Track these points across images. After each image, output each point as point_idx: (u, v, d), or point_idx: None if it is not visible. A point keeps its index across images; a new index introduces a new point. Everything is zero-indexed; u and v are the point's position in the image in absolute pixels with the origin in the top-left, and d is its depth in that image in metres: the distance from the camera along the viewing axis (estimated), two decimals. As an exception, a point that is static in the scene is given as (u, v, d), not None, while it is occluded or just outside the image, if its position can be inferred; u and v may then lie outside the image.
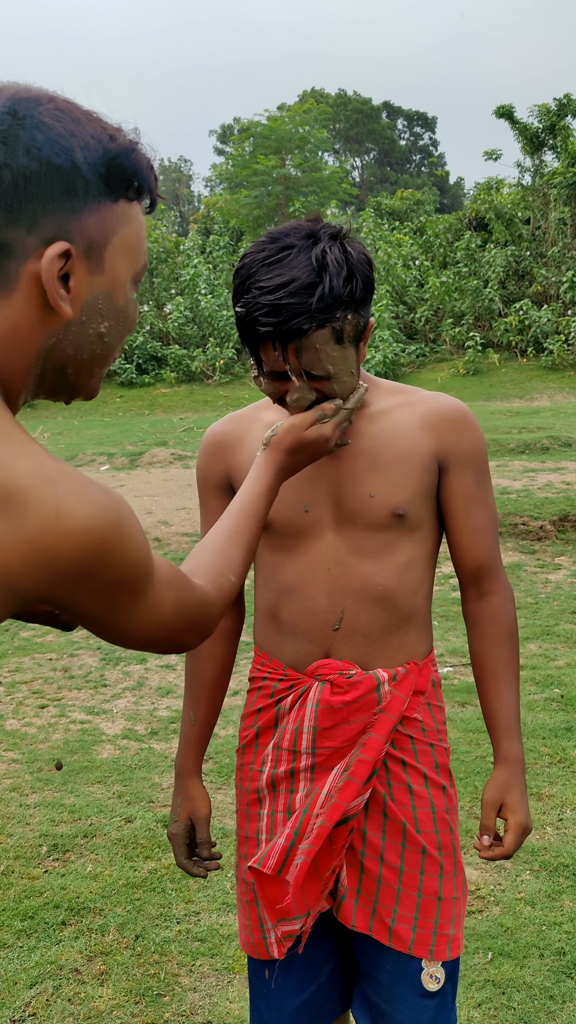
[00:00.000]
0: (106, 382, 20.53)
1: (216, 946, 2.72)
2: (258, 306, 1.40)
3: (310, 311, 1.38)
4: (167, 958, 2.67)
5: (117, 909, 2.91)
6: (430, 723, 1.62)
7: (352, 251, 1.45)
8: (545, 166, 22.78)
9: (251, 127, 29.06)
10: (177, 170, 54.42)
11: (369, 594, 1.57)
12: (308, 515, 1.58)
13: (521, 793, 1.60)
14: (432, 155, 55.95)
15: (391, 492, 1.55)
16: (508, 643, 1.64)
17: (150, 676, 5.24)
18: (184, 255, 22.88)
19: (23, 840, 3.36)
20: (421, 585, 1.62)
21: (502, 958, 2.63)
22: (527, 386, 18.14)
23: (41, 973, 2.60)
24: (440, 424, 1.60)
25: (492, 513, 1.64)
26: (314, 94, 48.24)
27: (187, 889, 3.02)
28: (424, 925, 1.56)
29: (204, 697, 1.74)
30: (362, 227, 23.29)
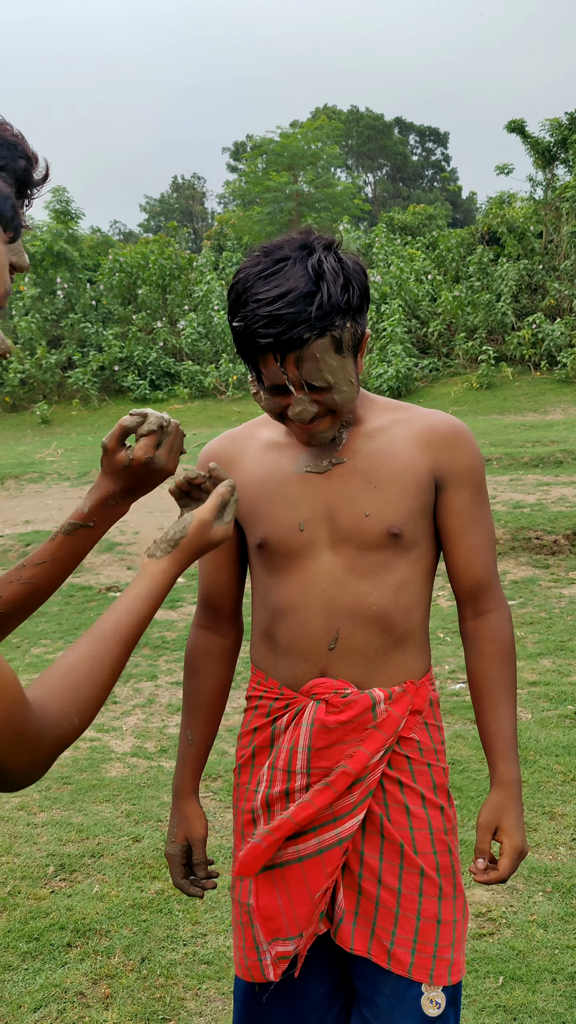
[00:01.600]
0: (120, 398, 20.61)
1: (223, 969, 2.68)
2: (257, 318, 1.39)
3: (310, 320, 1.38)
4: (173, 981, 2.63)
5: (123, 931, 2.88)
6: (427, 743, 1.61)
7: (347, 260, 1.45)
8: (557, 180, 22.77)
9: (264, 144, 29.20)
10: (191, 187, 54.69)
11: (365, 614, 1.55)
12: (303, 534, 1.57)
13: (517, 816, 1.57)
14: (444, 170, 56.05)
15: (386, 511, 1.54)
16: (506, 662, 1.62)
17: (160, 693, 5.21)
18: (197, 271, 22.97)
19: (30, 860, 3.33)
20: (417, 604, 1.61)
21: (513, 982, 2.59)
22: (541, 399, 18.08)
23: (46, 996, 2.57)
24: (436, 442, 1.58)
25: (490, 531, 1.63)
26: (326, 111, 48.45)
27: (194, 910, 2.99)
28: (423, 948, 1.53)
29: (202, 717, 1.72)
30: (374, 242, 23.33)
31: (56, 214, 23.35)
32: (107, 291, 22.83)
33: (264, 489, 1.60)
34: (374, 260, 22.73)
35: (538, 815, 3.55)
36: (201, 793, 3.84)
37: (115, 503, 1.39)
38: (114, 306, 22.61)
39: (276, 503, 1.59)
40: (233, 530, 1.57)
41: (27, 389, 20.77)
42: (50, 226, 23.05)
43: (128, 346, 21.00)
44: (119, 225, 53.30)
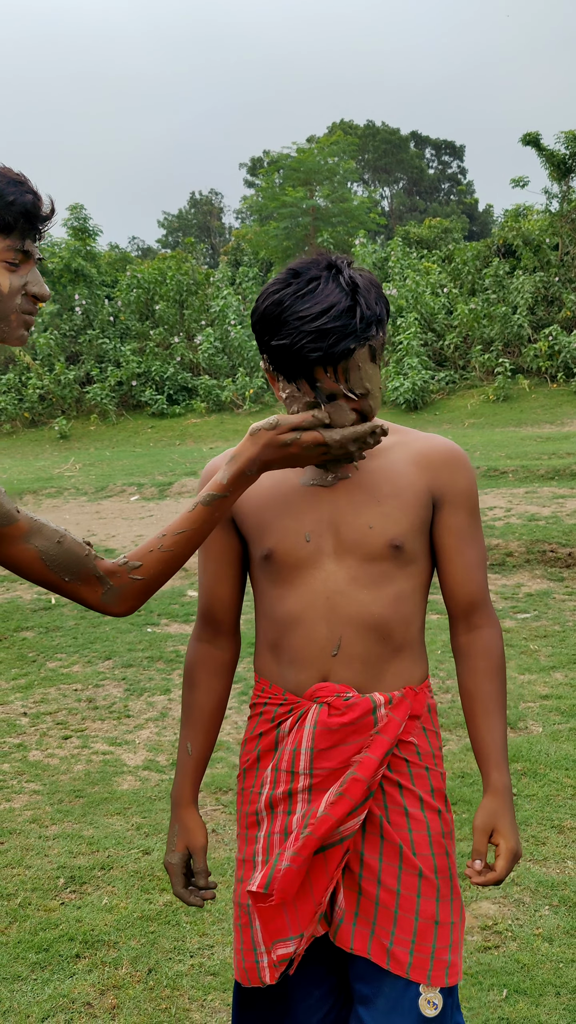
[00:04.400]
0: (137, 413, 20.73)
1: (228, 980, 2.71)
2: (303, 334, 1.48)
3: (355, 332, 1.48)
4: (179, 992, 2.66)
5: (131, 942, 2.91)
6: (426, 747, 1.67)
7: (368, 275, 1.57)
8: (573, 192, 22.78)
9: (280, 159, 29.37)
10: (208, 203, 55.03)
11: (366, 622, 1.61)
12: (309, 544, 1.63)
13: (511, 820, 1.62)
14: (461, 183, 56.14)
15: (388, 524, 1.61)
16: (497, 676, 1.67)
17: (174, 707, 5.25)
18: (214, 287, 23.10)
19: (41, 872, 3.37)
20: (415, 615, 1.67)
21: (517, 995, 2.60)
22: (557, 411, 18.06)
23: (54, 1007, 2.60)
24: (435, 463, 1.66)
25: (483, 551, 1.70)
26: (342, 125, 48.67)
27: (201, 922, 3.01)
28: (422, 949, 1.57)
29: (200, 728, 1.76)
30: (390, 256, 23.40)
31: (74, 231, 23.56)
32: (125, 307, 23.00)
33: (271, 501, 1.67)
34: (390, 274, 22.79)
35: (546, 829, 3.55)
36: (212, 806, 3.88)
37: (251, 474, 1.52)
38: (132, 322, 22.77)
39: (283, 515, 1.65)
40: (237, 542, 1.70)
41: (46, 404, 20.93)
42: (68, 243, 23.26)
43: (146, 361, 21.13)
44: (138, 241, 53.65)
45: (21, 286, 1.35)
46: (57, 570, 1.44)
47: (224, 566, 1.75)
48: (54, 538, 1.44)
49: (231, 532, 1.73)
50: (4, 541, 1.41)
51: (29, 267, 1.36)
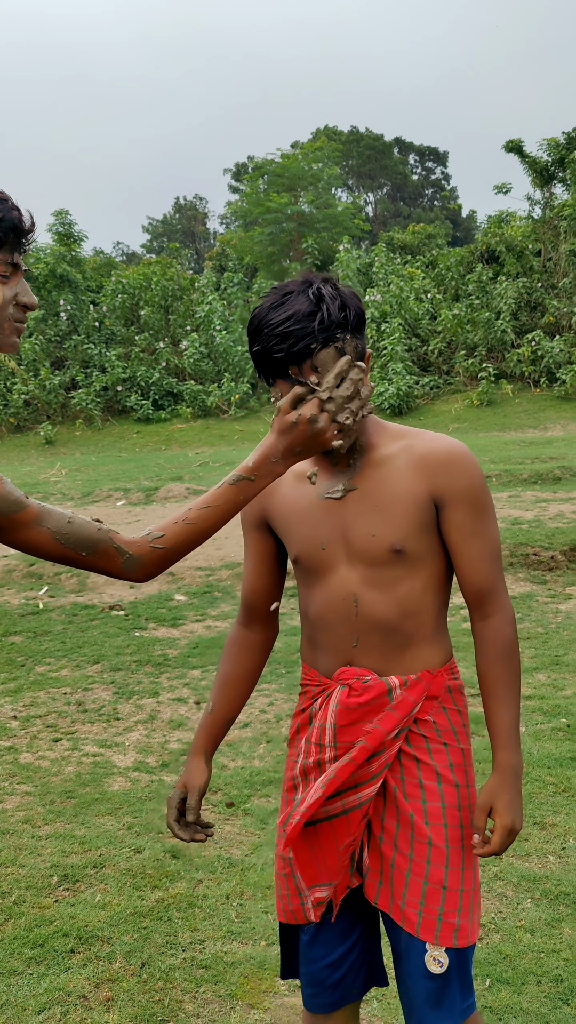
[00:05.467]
0: (123, 418, 20.77)
1: (220, 973, 2.78)
2: (271, 338, 1.65)
3: (313, 332, 1.63)
4: (172, 985, 2.73)
5: (124, 937, 2.98)
6: (445, 725, 1.82)
7: (343, 288, 1.70)
8: (555, 199, 22.98)
9: (265, 165, 29.49)
10: (193, 208, 55.08)
11: (379, 619, 1.79)
12: (325, 552, 1.82)
13: (510, 798, 1.73)
14: (444, 189, 56.41)
15: (388, 531, 1.76)
16: (504, 662, 1.77)
17: (162, 709, 5.31)
18: (199, 292, 23.17)
19: (34, 871, 3.43)
20: (428, 608, 1.81)
21: (500, 984, 2.68)
22: (540, 416, 18.21)
23: (50, 999, 2.67)
24: (431, 466, 1.77)
25: (491, 542, 1.79)
26: (327, 131, 48.83)
27: (193, 918, 3.08)
28: (429, 911, 1.73)
29: (223, 693, 1.98)
30: (374, 261, 23.53)
31: (59, 237, 23.59)
32: (110, 312, 23.04)
33: (295, 512, 1.86)
34: (374, 279, 22.90)
35: (529, 825, 3.64)
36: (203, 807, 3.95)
37: (275, 461, 1.62)
38: (117, 327, 22.81)
39: (304, 525, 1.84)
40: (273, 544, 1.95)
41: (31, 410, 20.94)
42: (53, 248, 23.29)
43: (131, 366, 21.18)
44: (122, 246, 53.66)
45: (12, 297, 1.47)
46: (72, 547, 1.56)
47: (261, 564, 1.97)
48: (63, 519, 1.56)
49: (267, 535, 1.94)
50: (19, 527, 1.53)
51: (18, 278, 1.48)
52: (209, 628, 6.91)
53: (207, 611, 7.32)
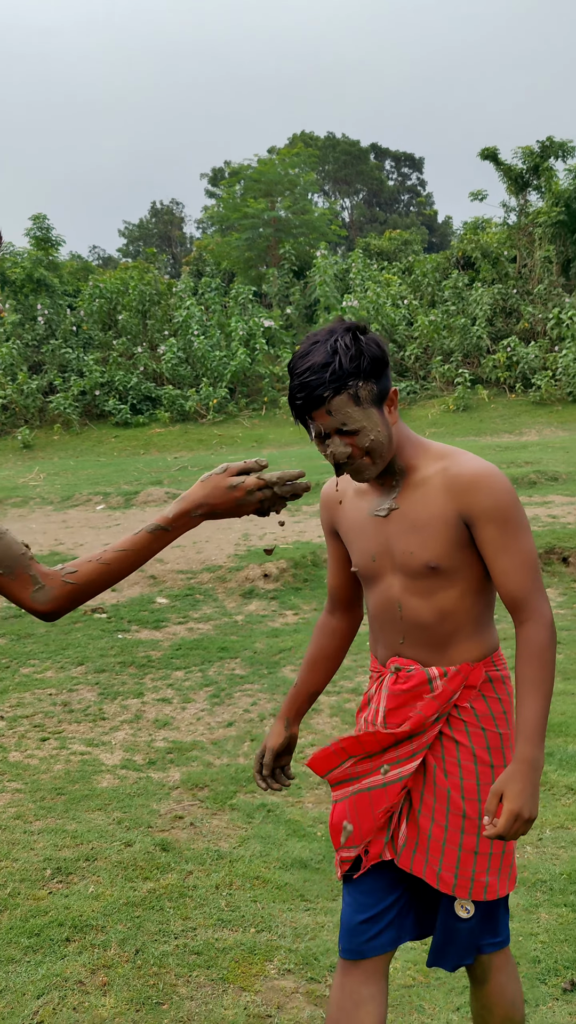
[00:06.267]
0: (101, 422, 20.80)
1: (212, 958, 2.88)
2: (294, 387, 1.91)
3: (325, 383, 1.86)
4: (166, 970, 2.83)
5: (118, 926, 3.07)
6: (484, 711, 2.02)
7: (363, 338, 1.92)
8: (530, 206, 23.25)
9: (241, 171, 29.59)
10: (169, 213, 55.09)
11: (419, 621, 2.03)
12: (375, 563, 2.07)
13: (522, 787, 1.85)
14: (420, 195, 56.74)
15: (424, 550, 1.98)
16: (534, 663, 1.89)
17: (147, 709, 5.40)
18: (177, 297, 23.24)
19: (27, 864, 3.52)
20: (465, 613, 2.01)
21: (481, 965, 2.80)
22: (516, 421, 18.43)
23: (47, 985, 2.76)
24: (457, 489, 1.96)
25: (522, 556, 1.94)
26: (303, 137, 49.01)
27: (184, 907, 3.18)
28: (464, 873, 1.99)
29: (308, 670, 2.31)
30: (351, 267, 23.70)
31: (36, 241, 23.60)
32: (88, 317, 23.07)
33: (353, 527, 2.11)
34: (351, 285, 23.07)
35: (507, 817, 3.76)
36: (190, 801, 4.06)
37: (195, 516, 1.71)
38: (95, 331, 22.84)
39: (359, 539, 2.10)
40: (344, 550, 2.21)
41: (8, 414, 20.91)
42: (30, 253, 23.30)
43: (109, 371, 21.22)
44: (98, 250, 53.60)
45: None
46: None
47: (337, 563, 2.26)
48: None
49: (339, 540, 2.22)
50: None
51: None
52: (191, 630, 7.00)
53: (189, 614, 7.41)
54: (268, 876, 3.38)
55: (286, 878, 3.36)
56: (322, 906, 3.18)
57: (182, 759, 4.61)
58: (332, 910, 3.15)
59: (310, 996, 2.71)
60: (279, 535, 9.34)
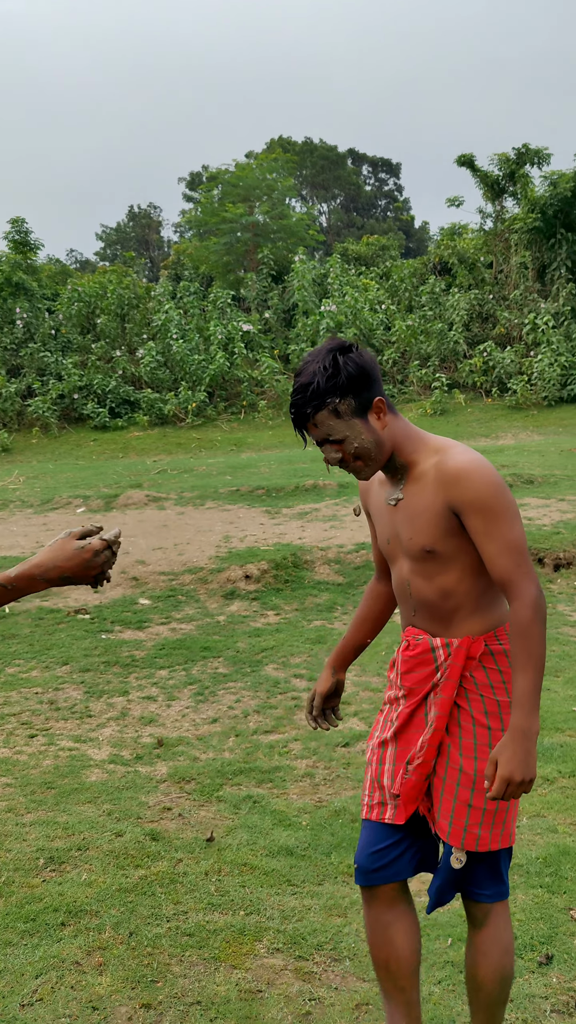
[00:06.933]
0: (79, 425, 20.84)
1: (203, 939, 3.00)
2: (290, 405, 2.20)
3: (307, 401, 2.15)
4: (159, 950, 2.94)
5: (112, 911, 3.18)
6: (484, 680, 2.23)
7: (342, 358, 2.15)
8: (506, 212, 23.51)
9: (219, 175, 29.71)
10: (146, 216, 55.12)
11: (425, 599, 2.28)
12: (389, 545, 2.34)
13: (512, 753, 2.06)
14: (397, 200, 57.08)
15: (421, 536, 2.22)
16: (523, 639, 2.10)
17: (133, 707, 5.50)
18: (155, 301, 23.32)
19: (21, 855, 3.61)
20: (465, 593, 2.24)
21: (460, 943, 2.93)
22: (492, 425, 18.65)
23: (45, 966, 2.87)
24: (445, 482, 2.17)
25: (507, 542, 2.12)
26: (281, 142, 49.20)
27: (175, 892, 3.30)
28: (457, 823, 2.22)
29: (355, 627, 2.61)
30: (329, 272, 23.86)
31: (15, 244, 23.62)
32: (66, 320, 23.11)
33: (376, 512, 2.39)
34: (329, 290, 23.23)
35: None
36: (177, 794, 4.18)
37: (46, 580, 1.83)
38: (73, 335, 22.88)
39: (379, 523, 2.38)
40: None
41: (-13, 418, 20.92)
42: (9, 256, 23.31)
43: (88, 374, 21.26)
44: (76, 253, 53.56)
45: None
46: None
47: (374, 539, 2.50)
48: None
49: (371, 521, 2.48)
50: None
51: None
52: (174, 631, 7.10)
53: (171, 614, 7.52)
54: (255, 863, 3.49)
55: (273, 864, 3.48)
56: (308, 890, 3.30)
57: (168, 754, 4.72)
58: (318, 893, 3.27)
59: (298, 973, 2.83)
60: (259, 537, 9.46)
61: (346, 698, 5.45)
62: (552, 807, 3.88)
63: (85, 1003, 2.70)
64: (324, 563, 8.50)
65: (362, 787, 2.40)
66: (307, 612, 7.50)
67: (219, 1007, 2.67)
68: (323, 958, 2.90)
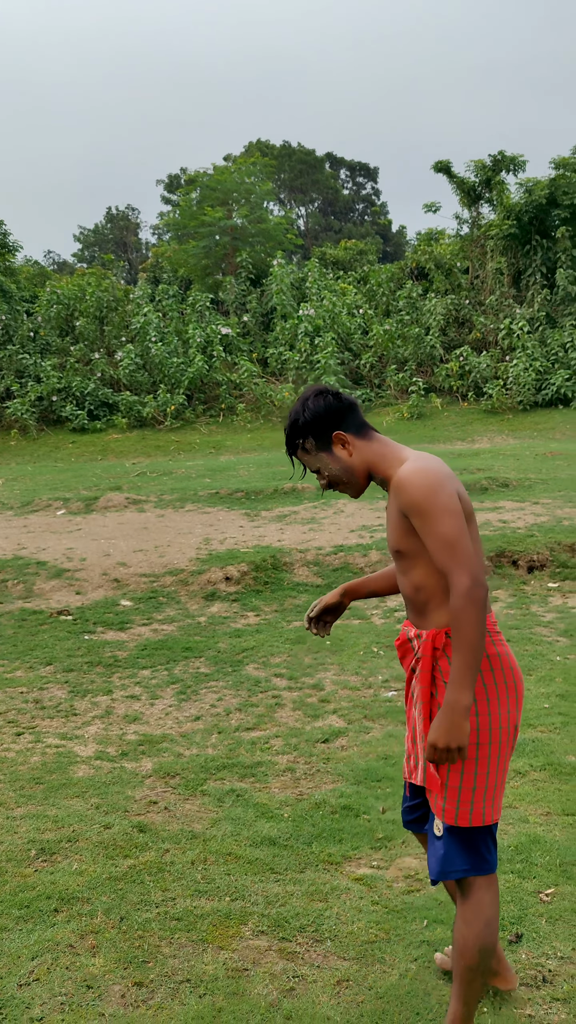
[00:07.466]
0: (58, 428, 20.91)
1: (192, 923, 3.14)
2: None
3: (286, 443, 2.61)
4: (149, 934, 3.08)
5: (102, 898, 3.32)
6: (446, 667, 2.45)
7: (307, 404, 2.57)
8: (482, 218, 23.79)
9: (198, 178, 29.83)
10: (124, 218, 55.16)
11: (406, 594, 2.59)
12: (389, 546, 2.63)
13: (439, 723, 2.34)
14: (375, 204, 57.42)
15: (391, 538, 2.54)
16: (457, 622, 2.33)
17: (117, 705, 5.63)
18: (134, 304, 23.42)
19: (12, 846, 3.74)
20: (432, 587, 2.49)
21: (435, 924, 3.10)
22: (468, 429, 18.89)
23: (40, 948, 3.00)
24: (393, 490, 2.48)
25: (440, 539, 2.37)
26: (259, 145, 49.41)
27: (163, 880, 3.44)
28: (436, 799, 2.48)
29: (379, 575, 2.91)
30: (307, 276, 24.04)
31: (-7, 246, 23.66)
32: (45, 322, 23.17)
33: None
34: (307, 294, 23.41)
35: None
36: (163, 788, 4.31)
37: None
38: (52, 337, 22.94)
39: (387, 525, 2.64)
40: None
41: (-34, 419, 20.95)
42: (-13, 258, 23.35)
43: (66, 377, 21.33)
44: (53, 255, 53.52)
45: None
46: None
47: None
48: None
49: None
50: None
51: None
52: (156, 631, 7.24)
53: (153, 615, 7.65)
54: (240, 852, 3.64)
55: (256, 854, 3.62)
56: (291, 877, 3.45)
57: (153, 750, 4.86)
58: (300, 880, 3.42)
59: (282, 953, 2.98)
60: (239, 539, 9.60)
61: (325, 696, 5.61)
62: (524, 799, 4.05)
63: (80, 982, 2.84)
64: (303, 565, 8.66)
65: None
66: (286, 613, 7.65)
67: (207, 984, 2.82)
68: (305, 939, 3.06)
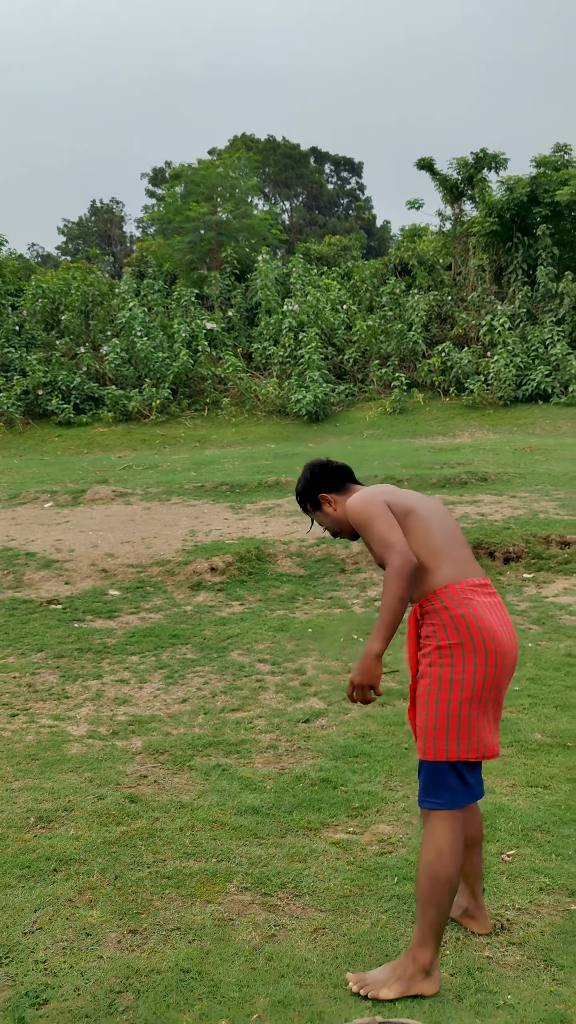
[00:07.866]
0: (44, 421, 21.10)
1: (181, 881, 3.41)
2: None
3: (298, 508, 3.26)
4: (142, 889, 3.35)
5: (98, 859, 3.58)
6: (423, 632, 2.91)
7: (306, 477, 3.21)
8: (465, 215, 24.08)
9: (182, 172, 29.99)
10: (109, 211, 55.15)
11: None
12: None
13: (356, 664, 2.87)
14: (359, 199, 57.62)
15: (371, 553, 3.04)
16: (383, 591, 2.85)
17: (107, 689, 5.88)
18: (119, 298, 23.60)
19: (12, 815, 4.00)
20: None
21: (405, 881, 3.37)
22: (450, 423, 19.19)
23: (42, 902, 3.26)
24: None
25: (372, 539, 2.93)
26: (244, 139, 49.51)
27: (154, 844, 3.70)
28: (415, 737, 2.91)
29: None
30: (292, 272, 24.27)
31: (-22, 240, 23.79)
32: (30, 316, 23.33)
33: None
34: (292, 289, 23.64)
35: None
36: (151, 763, 4.58)
37: None
38: (37, 331, 23.11)
39: None
40: None
41: (-48, 412, 21.10)
42: (-27, 252, 23.48)
43: (52, 370, 21.52)
44: (37, 247, 53.49)
45: None
46: None
47: None
48: None
49: None
50: None
51: None
52: (143, 619, 7.49)
53: (141, 604, 7.90)
54: (225, 820, 3.90)
55: (241, 821, 3.89)
56: (273, 841, 3.72)
57: (142, 730, 5.11)
58: (281, 844, 3.69)
59: (264, 905, 3.25)
60: (224, 531, 9.85)
61: (307, 680, 5.88)
62: (491, 772, 4.33)
63: (79, 930, 3.10)
64: (286, 556, 8.93)
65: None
66: (270, 602, 7.92)
67: (196, 931, 3.09)
68: (286, 895, 3.33)
